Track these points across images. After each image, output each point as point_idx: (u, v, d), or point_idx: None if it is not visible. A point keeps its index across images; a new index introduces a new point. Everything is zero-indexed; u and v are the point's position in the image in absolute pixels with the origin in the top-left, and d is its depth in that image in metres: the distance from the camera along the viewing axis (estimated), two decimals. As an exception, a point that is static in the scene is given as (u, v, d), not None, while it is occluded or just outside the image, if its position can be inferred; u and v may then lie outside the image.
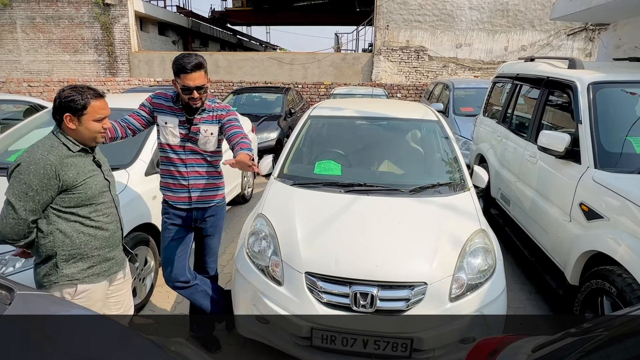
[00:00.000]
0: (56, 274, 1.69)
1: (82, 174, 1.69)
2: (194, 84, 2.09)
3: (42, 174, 1.58)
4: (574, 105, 2.89)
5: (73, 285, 1.73)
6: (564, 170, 2.86)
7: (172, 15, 19.47)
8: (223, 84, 12.91)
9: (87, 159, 1.74)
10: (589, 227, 2.51)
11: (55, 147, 1.64)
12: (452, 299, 2.08)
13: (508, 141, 4.12)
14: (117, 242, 1.90)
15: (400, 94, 12.37)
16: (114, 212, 1.86)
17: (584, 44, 13.60)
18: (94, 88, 1.71)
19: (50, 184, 1.60)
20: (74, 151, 1.68)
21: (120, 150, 3.03)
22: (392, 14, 13.94)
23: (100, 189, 1.76)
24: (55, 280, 1.70)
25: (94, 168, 1.76)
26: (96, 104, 1.68)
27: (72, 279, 1.71)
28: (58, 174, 1.61)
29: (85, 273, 1.75)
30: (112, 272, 1.87)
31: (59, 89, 1.70)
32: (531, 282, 3.48)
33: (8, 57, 15.91)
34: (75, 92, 1.64)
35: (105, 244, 1.81)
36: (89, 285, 1.76)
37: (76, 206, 1.69)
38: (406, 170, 3.12)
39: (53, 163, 1.60)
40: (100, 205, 1.78)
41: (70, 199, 1.67)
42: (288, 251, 2.23)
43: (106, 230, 1.80)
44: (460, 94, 7.54)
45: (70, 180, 1.64)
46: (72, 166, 1.66)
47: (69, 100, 1.63)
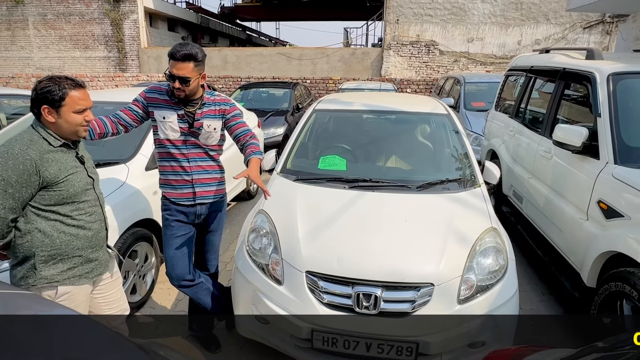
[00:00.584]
0: (34, 276, 1.59)
1: (64, 170, 1.58)
2: (177, 74, 1.99)
3: (21, 169, 1.48)
4: (593, 98, 2.74)
5: (53, 288, 1.62)
6: (581, 166, 2.72)
7: (182, 11, 19.48)
8: (231, 79, 12.87)
9: (69, 154, 1.64)
10: (607, 226, 2.37)
11: (35, 141, 1.54)
12: (460, 301, 1.97)
13: (521, 136, 3.97)
14: (101, 243, 1.79)
15: (410, 89, 12.18)
16: (97, 210, 1.75)
17: (600, 38, 13.21)
18: (72, 78, 1.61)
19: (30, 180, 1.50)
20: (54, 146, 1.58)
21: (120, 145, 2.97)
22: (402, 8, 13.72)
23: (83, 186, 1.66)
24: (33, 283, 1.59)
25: (76, 164, 1.66)
26: (75, 94, 1.57)
27: (52, 281, 1.61)
28: (38, 170, 1.51)
29: (66, 275, 1.64)
30: (95, 274, 1.76)
31: (37, 80, 1.58)
32: (544, 283, 3.34)
33: (20, 54, 16.10)
34: (52, 82, 1.54)
35: (88, 244, 1.70)
36: (69, 288, 1.65)
37: (57, 204, 1.59)
38: (414, 166, 3.00)
39: (33, 158, 1.50)
40: (83, 204, 1.67)
41: (51, 197, 1.57)
42: (289, 249, 2.14)
43: (89, 230, 1.70)
44: (471, 89, 7.35)
45: (51, 176, 1.55)
46: (53, 162, 1.56)
47: (45, 91, 1.53)
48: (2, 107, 5.08)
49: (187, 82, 2.01)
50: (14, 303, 1.25)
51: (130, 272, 2.82)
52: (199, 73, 2.06)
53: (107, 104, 3.35)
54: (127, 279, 2.79)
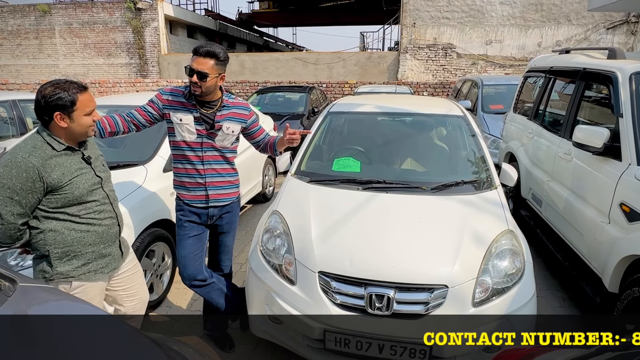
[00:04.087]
0: (50, 272, 1.65)
1: (67, 174, 1.62)
2: (197, 68, 2.04)
3: (24, 177, 1.52)
4: (614, 98, 2.66)
5: (68, 282, 1.68)
6: (602, 168, 2.64)
7: (201, 18, 19.88)
8: (248, 84, 13.03)
9: (74, 157, 1.67)
10: (630, 230, 2.29)
11: (38, 147, 1.58)
12: (475, 304, 1.93)
13: (540, 138, 3.89)
14: (114, 238, 1.83)
15: (426, 92, 12.07)
16: (107, 208, 1.78)
17: (625, 38, 12.83)
18: (75, 81, 1.64)
19: (34, 186, 1.54)
20: (58, 150, 1.61)
21: (138, 147, 3.05)
22: (419, 11, 13.65)
23: (89, 187, 1.69)
24: (50, 278, 1.66)
25: (82, 166, 1.69)
26: (83, 97, 1.61)
27: (67, 276, 1.67)
28: (41, 176, 1.54)
29: (81, 270, 1.70)
30: (110, 269, 1.81)
31: (39, 87, 1.61)
32: (564, 288, 3.25)
33: (47, 62, 16.72)
34: (59, 89, 1.56)
35: (100, 239, 1.74)
36: (84, 282, 1.71)
37: (64, 206, 1.63)
38: (428, 167, 2.97)
39: (35, 165, 1.53)
40: (91, 203, 1.71)
41: (57, 200, 1.61)
42: (302, 249, 2.15)
43: (99, 226, 1.74)
44: (489, 91, 7.24)
45: (54, 181, 1.58)
46: (57, 166, 1.59)
47: (55, 98, 1.55)
48: (29, 112, 5.29)
49: (205, 77, 2.05)
50: (33, 296, 1.30)
51: (147, 271, 2.87)
52: (218, 73, 2.10)
53: (128, 108, 3.45)
54: (145, 278, 2.85)
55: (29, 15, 16.42)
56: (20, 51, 16.80)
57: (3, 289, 1.27)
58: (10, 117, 5.13)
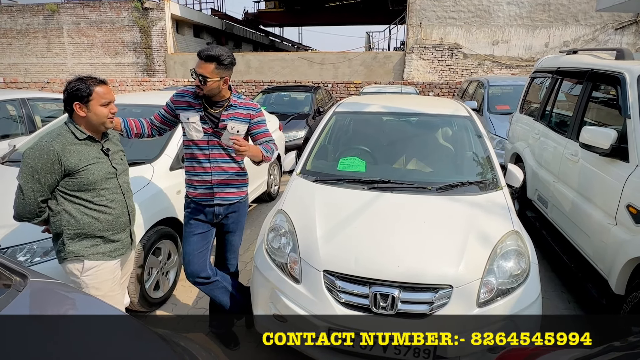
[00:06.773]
0: (64, 250, 1.83)
1: (84, 160, 1.79)
2: (198, 71, 2.12)
3: (45, 158, 1.71)
4: (622, 99, 2.65)
5: (80, 262, 1.84)
6: (609, 169, 2.63)
7: (207, 18, 19.96)
8: (254, 83, 13.07)
9: (93, 147, 1.85)
10: (637, 232, 2.28)
11: (63, 135, 1.78)
12: (480, 304, 1.94)
13: (547, 139, 3.87)
14: (123, 226, 1.98)
15: (432, 93, 12.04)
16: (119, 198, 1.94)
17: (634, 39, 12.71)
18: (95, 77, 1.84)
19: (53, 168, 1.73)
20: (80, 138, 1.81)
21: (146, 145, 3.08)
22: (425, 11, 13.61)
23: (103, 175, 1.85)
24: (64, 256, 1.84)
25: (99, 156, 1.86)
26: (100, 89, 1.79)
27: (78, 255, 1.83)
28: (60, 159, 1.73)
29: (90, 250, 1.86)
30: (118, 253, 1.96)
31: (67, 82, 1.83)
32: (570, 290, 3.23)
33: (55, 60, 16.89)
34: (79, 82, 1.78)
35: (109, 226, 1.90)
36: (96, 262, 1.86)
37: (79, 190, 1.80)
38: (434, 168, 2.97)
39: (55, 149, 1.73)
40: (104, 191, 1.87)
41: (73, 183, 1.79)
42: (307, 248, 2.16)
43: (109, 215, 1.89)
44: (495, 92, 7.20)
45: (71, 165, 1.76)
46: (75, 153, 1.78)
47: (75, 89, 1.76)
48: (38, 110, 5.35)
49: (206, 81, 2.10)
50: (43, 291, 1.32)
51: (153, 268, 2.90)
52: (220, 76, 2.12)
53: (135, 107, 3.49)
54: (151, 275, 2.88)
55: (38, 15, 16.60)
56: (29, 50, 16.99)
57: (14, 284, 1.29)
58: (19, 115, 5.18)
